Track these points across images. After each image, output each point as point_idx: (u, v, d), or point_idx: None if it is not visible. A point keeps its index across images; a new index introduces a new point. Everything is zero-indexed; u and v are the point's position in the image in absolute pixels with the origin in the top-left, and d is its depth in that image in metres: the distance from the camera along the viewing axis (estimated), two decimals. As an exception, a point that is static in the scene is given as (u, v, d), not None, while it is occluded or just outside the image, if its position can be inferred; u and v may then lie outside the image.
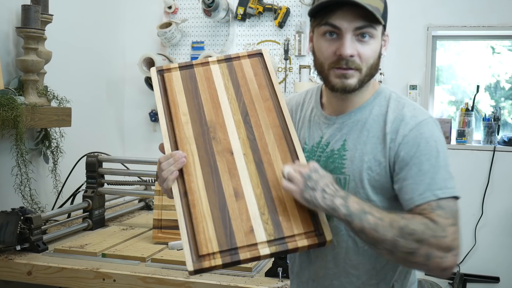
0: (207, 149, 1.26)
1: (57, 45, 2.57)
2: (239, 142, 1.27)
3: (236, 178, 1.22)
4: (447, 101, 3.58)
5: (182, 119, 1.30)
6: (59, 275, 1.77)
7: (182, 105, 1.32)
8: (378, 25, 1.17)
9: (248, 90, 1.36)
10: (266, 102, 1.33)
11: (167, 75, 1.37)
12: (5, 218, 1.91)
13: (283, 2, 3.40)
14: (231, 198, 1.19)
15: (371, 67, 1.20)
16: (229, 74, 1.38)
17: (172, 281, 1.67)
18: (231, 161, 1.24)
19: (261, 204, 1.18)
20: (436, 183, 1.13)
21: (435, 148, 1.17)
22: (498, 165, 3.19)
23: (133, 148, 3.61)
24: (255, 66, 1.40)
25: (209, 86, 1.36)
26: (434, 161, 1.15)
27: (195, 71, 1.38)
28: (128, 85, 3.63)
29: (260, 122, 1.30)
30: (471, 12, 3.20)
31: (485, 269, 3.23)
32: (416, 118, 1.19)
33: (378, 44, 1.19)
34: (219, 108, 1.32)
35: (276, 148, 1.26)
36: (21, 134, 2.16)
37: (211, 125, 1.29)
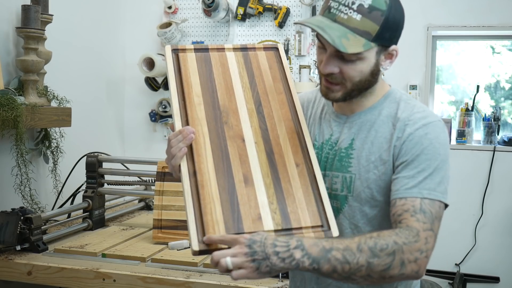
0: (218, 133, 1.25)
1: (57, 45, 2.57)
2: (251, 130, 1.27)
3: (246, 165, 1.21)
4: (447, 101, 3.58)
5: (195, 100, 1.28)
6: (59, 275, 1.77)
7: (195, 86, 1.31)
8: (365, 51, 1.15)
9: (262, 81, 1.35)
10: (280, 96, 1.34)
11: (181, 55, 1.35)
12: (5, 218, 1.91)
13: (283, 2, 3.40)
14: (241, 184, 1.18)
15: (358, 83, 1.19)
16: (244, 63, 1.37)
17: (172, 281, 1.67)
18: (242, 147, 1.24)
19: (270, 194, 1.18)
20: (427, 183, 1.14)
21: (437, 150, 1.17)
22: (498, 165, 3.19)
23: (133, 148, 3.61)
24: (270, 60, 1.40)
25: (223, 72, 1.35)
26: (433, 163, 1.16)
27: (210, 56, 1.37)
28: (128, 85, 3.63)
29: (272, 114, 1.30)
30: (471, 12, 3.20)
31: (485, 269, 3.23)
32: (425, 119, 1.20)
33: (367, 64, 1.18)
34: (233, 94, 1.31)
35: (288, 141, 1.26)
36: (21, 134, 2.16)
37: (223, 109, 1.28)
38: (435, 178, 1.16)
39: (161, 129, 3.65)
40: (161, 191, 2.14)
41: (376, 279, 1.06)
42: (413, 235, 1.07)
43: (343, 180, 1.23)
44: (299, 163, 1.24)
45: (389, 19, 1.17)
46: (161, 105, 3.57)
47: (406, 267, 1.05)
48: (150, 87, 3.48)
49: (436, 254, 1.55)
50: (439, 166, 1.17)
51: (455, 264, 3.27)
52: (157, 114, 3.60)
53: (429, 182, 1.15)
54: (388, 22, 1.17)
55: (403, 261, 1.05)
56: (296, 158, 1.25)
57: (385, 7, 1.16)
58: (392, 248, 1.05)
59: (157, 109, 3.59)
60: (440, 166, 1.17)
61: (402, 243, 1.05)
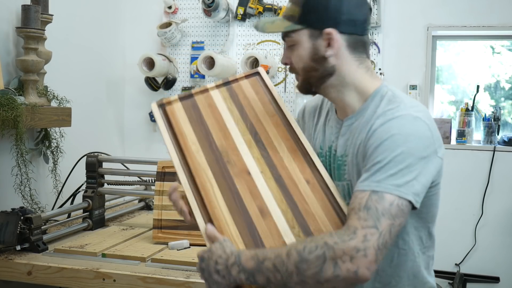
0: (223, 174, 1.25)
1: (57, 45, 2.57)
2: (254, 161, 1.27)
3: (258, 197, 1.21)
4: (447, 101, 3.58)
5: (192, 148, 1.29)
6: (59, 275, 1.77)
7: (190, 135, 1.31)
8: (295, 32, 1.19)
9: (253, 109, 1.36)
10: (273, 118, 1.34)
11: (168, 108, 1.37)
12: (5, 218, 1.91)
13: (283, 2, 3.39)
14: (258, 218, 1.18)
15: (305, 70, 1.21)
16: (231, 97, 1.38)
17: (172, 281, 1.67)
18: (250, 181, 1.24)
19: (289, 218, 1.18)
20: (377, 176, 1.05)
21: (396, 142, 1.07)
22: (498, 165, 3.19)
23: (133, 148, 3.61)
24: (255, 85, 1.41)
25: (213, 112, 1.35)
26: (390, 155, 1.06)
27: (196, 100, 1.38)
28: (128, 85, 3.63)
29: (271, 138, 1.31)
30: (471, 12, 3.20)
31: (485, 269, 3.23)
32: (393, 114, 1.12)
33: (304, 48, 1.19)
34: (227, 131, 1.32)
35: (292, 161, 1.27)
36: (21, 134, 2.16)
37: (222, 149, 1.29)
38: (389, 170, 1.05)
39: (161, 129, 3.64)
40: (161, 191, 2.14)
41: (312, 284, 1.00)
42: (349, 234, 1.00)
43: (343, 189, 1.21)
44: (309, 180, 1.24)
45: (309, 1, 1.17)
46: (161, 105, 3.57)
47: (340, 268, 0.97)
48: (150, 87, 3.48)
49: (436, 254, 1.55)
50: (397, 158, 1.05)
51: (455, 264, 3.27)
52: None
53: (380, 175, 1.05)
54: (309, 4, 1.17)
55: (336, 262, 0.97)
56: (304, 175, 1.25)
57: None
58: (321, 250, 0.99)
59: (157, 109, 3.59)
60: (398, 158, 1.05)
61: (333, 243, 0.99)
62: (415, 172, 1.06)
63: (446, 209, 3.25)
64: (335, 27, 1.16)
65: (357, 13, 1.18)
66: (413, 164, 1.05)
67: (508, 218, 3.20)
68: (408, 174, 1.05)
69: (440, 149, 1.14)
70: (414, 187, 1.05)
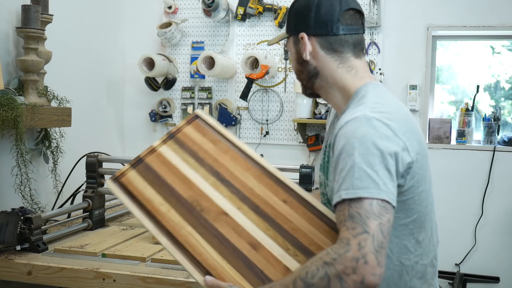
0: (202, 223, 1.25)
1: (57, 45, 2.57)
2: (227, 201, 1.28)
3: (244, 233, 1.22)
4: (447, 101, 3.58)
5: (162, 209, 1.29)
6: (59, 275, 1.77)
7: (154, 198, 1.31)
8: (287, 42, 1.32)
9: (206, 152, 1.37)
10: (228, 153, 1.36)
11: (124, 179, 1.36)
12: (5, 218, 1.91)
13: (283, 2, 3.40)
14: (252, 253, 1.19)
15: (297, 73, 1.33)
16: (180, 147, 1.39)
17: (172, 281, 1.67)
18: (230, 221, 1.25)
19: (281, 242, 1.19)
20: (344, 183, 1.05)
21: (352, 145, 1.07)
22: (498, 165, 3.19)
23: (133, 148, 3.61)
24: (199, 128, 1.42)
25: (169, 168, 1.36)
26: (349, 159, 1.06)
27: (148, 162, 1.38)
28: (128, 85, 3.63)
29: (234, 174, 1.32)
30: (471, 12, 3.20)
31: (485, 269, 3.23)
32: (351, 115, 1.13)
33: (292, 54, 1.31)
34: (190, 181, 1.32)
35: (263, 187, 1.28)
36: (21, 134, 2.16)
37: (192, 200, 1.29)
38: (354, 174, 1.04)
39: (161, 129, 3.65)
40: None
41: None
42: (343, 246, 0.99)
43: (331, 189, 1.19)
44: (285, 199, 1.26)
45: (291, 10, 1.30)
46: (161, 105, 3.57)
47: (346, 282, 0.97)
48: (150, 87, 3.48)
49: (436, 254, 1.54)
50: (356, 160, 1.05)
51: (455, 264, 3.27)
52: (157, 114, 3.60)
53: (346, 182, 1.05)
54: (290, 13, 1.31)
55: (340, 277, 0.97)
56: (279, 196, 1.26)
57: (292, 3, 1.31)
58: (323, 270, 0.99)
59: (157, 109, 3.59)
60: (357, 160, 1.05)
61: (331, 260, 0.99)
62: (381, 171, 1.05)
63: (446, 209, 3.26)
64: (306, 31, 1.25)
65: (326, 15, 1.23)
66: (376, 164, 1.05)
67: (508, 218, 3.20)
68: (375, 174, 1.04)
69: (409, 144, 1.12)
70: (387, 185, 1.04)
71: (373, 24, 3.26)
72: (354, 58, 1.26)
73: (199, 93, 3.57)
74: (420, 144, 1.18)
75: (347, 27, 1.24)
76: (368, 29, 3.30)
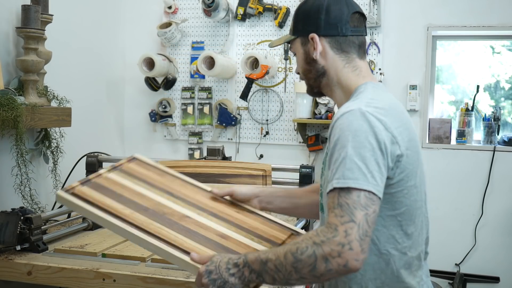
0: (169, 222, 1.31)
1: (57, 45, 2.57)
2: (186, 209, 1.38)
3: (211, 229, 1.33)
4: (447, 101, 3.58)
5: (126, 212, 1.30)
6: (59, 275, 1.77)
7: (115, 205, 1.31)
8: (292, 43, 1.39)
9: (154, 180, 1.47)
10: (176, 181, 1.51)
11: (77, 190, 1.34)
12: (5, 218, 1.91)
13: (283, 2, 3.40)
14: (222, 240, 1.30)
15: (304, 73, 1.39)
16: (128, 175, 1.46)
17: (172, 281, 1.67)
18: (194, 221, 1.34)
19: (245, 235, 1.34)
20: (336, 173, 1.13)
21: (346, 138, 1.14)
22: (498, 165, 3.19)
23: (133, 148, 3.61)
24: (141, 165, 1.53)
25: (121, 187, 1.39)
26: (342, 151, 1.13)
27: (98, 182, 1.39)
28: (128, 85, 3.63)
29: (186, 194, 1.46)
30: (471, 12, 3.20)
31: (485, 269, 3.23)
32: (346, 108, 1.20)
33: (300, 54, 1.37)
34: (146, 197, 1.38)
35: (217, 203, 1.47)
36: (21, 134, 2.16)
37: (153, 208, 1.34)
38: (346, 165, 1.12)
39: (161, 129, 3.65)
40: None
41: (310, 279, 1.11)
42: (331, 231, 1.08)
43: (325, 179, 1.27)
44: (238, 210, 1.46)
45: (299, 13, 1.38)
46: (161, 105, 3.57)
47: (331, 263, 1.06)
48: (150, 87, 3.48)
49: (436, 254, 1.55)
50: (348, 153, 1.12)
51: (455, 264, 3.27)
52: (157, 114, 3.60)
53: (338, 171, 1.12)
54: (298, 16, 1.38)
55: (326, 258, 1.07)
56: (233, 208, 1.46)
57: (298, 5, 1.40)
58: (311, 249, 1.08)
59: (157, 109, 3.59)
60: (350, 151, 1.12)
61: (320, 241, 1.08)
62: (371, 164, 1.12)
63: (446, 209, 3.26)
64: (317, 32, 1.32)
65: (336, 17, 1.31)
66: (367, 157, 1.12)
67: (508, 218, 3.20)
68: (365, 166, 1.11)
69: (400, 139, 1.18)
70: (375, 178, 1.12)
71: (373, 24, 3.27)
72: (359, 59, 1.34)
73: (199, 93, 3.57)
74: (412, 141, 1.23)
75: (354, 29, 1.32)
76: (368, 29, 3.30)
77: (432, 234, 1.41)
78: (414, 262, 1.26)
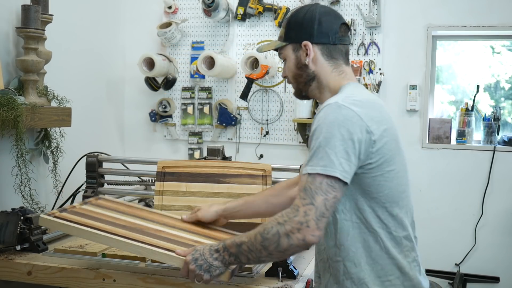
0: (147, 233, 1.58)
1: (57, 45, 2.57)
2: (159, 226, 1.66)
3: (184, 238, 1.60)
4: (447, 101, 3.58)
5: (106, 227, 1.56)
6: (59, 275, 1.77)
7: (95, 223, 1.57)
8: (282, 49, 1.51)
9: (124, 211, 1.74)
10: (143, 211, 1.79)
11: (57, 214, 1.60)
12: (5, 218, 1.91)
13: (283, 2, 3.40)
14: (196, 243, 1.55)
15: (294, 78, 1.51)
16: (98, 207, 1.73)
17: (172, 281, 1.67)
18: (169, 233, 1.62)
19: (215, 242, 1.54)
20: (311, 161, 1.28)
21: (321, 129, 1.29)
22: (498, 165, 3.19)
23: (133, 148, 3.61)
24: (109, 201, 1.82)
25: (96, 214, 1.66)
26: (317, 141, 1.28)
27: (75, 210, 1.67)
28: (128, 85, 3.63)
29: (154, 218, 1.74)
30: (471, 12, 3.20)
31: (485, 269, 3.23)
32: (326, 103, 1.34)
33: (291, 60, 1.49)
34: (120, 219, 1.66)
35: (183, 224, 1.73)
36: (21, 134, 2.16)
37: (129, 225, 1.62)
38: (318, 154, 1.27)
39: (161, 129, 3.65)
40: (161, 191, 2.14)
41: (277, 255, 1.30)
42: (293, 211, 1.26)
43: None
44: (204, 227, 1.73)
45: (291, 21, 1.49)
46: (161, 105, 3.57)
47: (292, 238, 1.25)
48: (150, 87, 3.48)
49: (436, 254, 1.54)
50: (321, 143, 1.27)
51: (455, 264, 3.27)
52: (157, 114, 3.60)
53: (312, 159, 1.28)
54: (290, 24, 1.49)
55: (288, 234, 1.25)
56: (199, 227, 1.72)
57: (289, 15, 1.52)
58: (275, 228, 1.27)
59: (157, 109, 3.59)
60: (322, 143, 1.27)
61: (283, 221, 1.27)
62: (340, 153, 1.26)
63: (446, 209, 3.26)
64: (310, 39, 1.45)
65: (328, 26, 1.45)
66: (336, 146, 1.26)
67: (508, 218, 3.20)
68: (333, 155, 1.26)
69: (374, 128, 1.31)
70: (342, 165, 1.26)
71: (373, 24, 3.27)
72: (345, 65, 1.49)
73: (199, 93, 3.57)
74: (388, 130, 1.35)
75: (342, 38, 1.47)
76: (368, 29, 3.30)
77: (432, 234, 1.45)
78: (403, 242, 1.37)
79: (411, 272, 1.37)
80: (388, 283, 1.35)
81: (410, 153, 3.30)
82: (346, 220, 1.35)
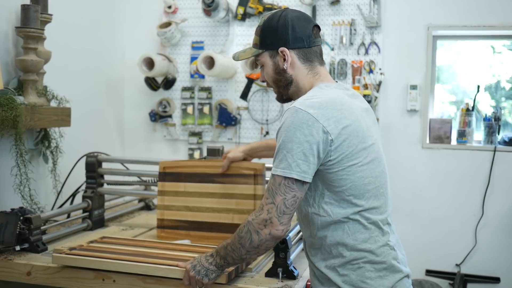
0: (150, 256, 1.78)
1: (56, 45, 2.56)
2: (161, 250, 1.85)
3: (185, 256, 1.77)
4: (448, 101, 3.58)
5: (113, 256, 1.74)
6: (59, 275, 1.77)
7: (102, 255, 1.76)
8: (259, 56, 1.56)
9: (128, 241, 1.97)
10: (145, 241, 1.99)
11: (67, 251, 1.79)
12: (5, 218, 1.91)
13: (283, 2, 3.39)
14: None
15: (274, 83, 1.58)
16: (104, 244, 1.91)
17: (172, 281, 1.67)
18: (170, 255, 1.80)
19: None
20: (274, 163, 1.41)
21: (281, 133, 1.40)
22: (499, 165, 3.19)
23: (133, 148, 3.61)
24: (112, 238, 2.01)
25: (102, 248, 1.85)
26: (278, 145, 1.41)
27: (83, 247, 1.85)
28: (128, 85, 3.62)
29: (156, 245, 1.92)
30: (471, 12, 3.20)
31: (486, 269, 3.23)
32: (287, 108, 1.44)
33: (269, 66, 1.56)
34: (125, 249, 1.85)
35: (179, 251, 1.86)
36: (20, 134, 2.15)
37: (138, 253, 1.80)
38: (278, 157, 1.40)
39: (161, 129, 3.64)
40: (163, 191, 2.14)
41: (253, 251, 1.44)
42: (259, 210, 1.42)
43: None
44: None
45: (264, 28, 1.54)
46: (161, 105, 3.57)
47: (261, 234, 1.41)
48: (150, 87, 3.48)
49: (437, 254, 1.54)
50: (280, 146, 1.39)
51: (455, 265, 3.27)
52: (157, 114, 3.60)
53: (274, 162, 1.41)
54: (265, 32, 1.54)
55: (257, 231, 1.41)
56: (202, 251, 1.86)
57: (262, 22, 1.56)
58: (247, 227, 1.43)
59: (157, 109, 3.59)
60: (281, 146, 1.39)
61: (251, 219, 1.43)
62: (297, 155, 1.37)
63: (446, 209, 3.26)
64: (286, 45, 1.52)
65: (301, 31, 1.51)
66: (293, 149, 1.37)
67: (509, 218, 3.19)
68: (290, 157, 1.37)
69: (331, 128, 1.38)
70: (300, 166, 1.37)
71: (373, 24, 3.26)
72: (320, 66, 1.56)
73: (199, 93, 3.56)
74: (349, 127, 1.41)
75: (315, 40, 1.54)
76: (369, 29, 3.30)
77: (432, 234, 1.46)
78: (371, 228, 1.45)
79: (381, 256, 1.45)
80: (358, 268, 1.44)
81: (410, 153, 3.30)
82: (315, 214, 1.46)
